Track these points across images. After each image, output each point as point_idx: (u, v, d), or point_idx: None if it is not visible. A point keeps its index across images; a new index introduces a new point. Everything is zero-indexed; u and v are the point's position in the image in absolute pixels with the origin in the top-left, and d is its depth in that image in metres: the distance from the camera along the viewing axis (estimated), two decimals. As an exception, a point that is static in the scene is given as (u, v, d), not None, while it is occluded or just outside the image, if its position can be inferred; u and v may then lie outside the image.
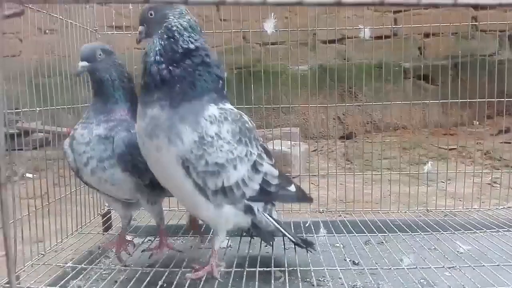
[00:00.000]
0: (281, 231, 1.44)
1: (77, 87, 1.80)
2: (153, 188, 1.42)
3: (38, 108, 1.53)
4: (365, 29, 1.84)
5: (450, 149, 2.98)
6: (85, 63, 1.37)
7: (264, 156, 1.35)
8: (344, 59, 3.74)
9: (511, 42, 4.24)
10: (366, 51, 2.21)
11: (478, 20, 3.39)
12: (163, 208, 1.57)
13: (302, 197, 1.52)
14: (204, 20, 2.22)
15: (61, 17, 1.72)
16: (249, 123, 1.33)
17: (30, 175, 2.24)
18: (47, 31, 1.64)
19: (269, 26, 1.76)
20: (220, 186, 1.23)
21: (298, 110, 3.53)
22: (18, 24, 1.54)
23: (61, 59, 1.75)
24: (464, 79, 2.09)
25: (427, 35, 3.19)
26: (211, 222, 1.37)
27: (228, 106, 1.29)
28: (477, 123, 2.85)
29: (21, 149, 2.38)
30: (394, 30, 3.56)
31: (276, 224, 1.42)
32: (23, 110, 1.46)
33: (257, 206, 1.35)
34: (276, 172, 1.37)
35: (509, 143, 3.25)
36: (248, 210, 1.32)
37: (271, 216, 1.41)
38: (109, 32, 2.02)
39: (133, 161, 1.35)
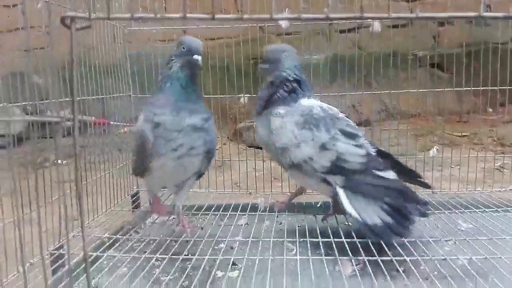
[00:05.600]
0: (348, 213, 1.48)
1: (102, 78, 1.90)
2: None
3: (65, 99, 1.62)
4: (375, 22, 1.91)
5: (462, 136, 3.04)
6: (200, 57, 1.45)
7: (341, 137, 1.55)
8: (359, 48, 3.80)
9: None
10: (381, 40, 2.25)
11: (492, 8, 3.41)
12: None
13: (405, 189, 1.51)
14: (222, 11, 2.34)
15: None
16: (320, 113, 1.60)
17: (64, 162, 2.39)
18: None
19: (284, 20, 1.87)
20: (290, 161, 1.59)
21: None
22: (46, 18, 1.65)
23: (90, 52, 1.86)
24: (477, 67, 2.14)
25: (441, 24, 3.24)
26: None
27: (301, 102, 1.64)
28: (490, 110, 2.90)
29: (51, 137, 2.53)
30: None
31: (345, 204, 1.48)
32: (58, 100, 1.55)
33: (335, 180, 1.53)
34: (361, 152, 1.54)
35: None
36: (324, 181, 1.56)
37: (347, 198, 1.49)
38: (135, 28, 2.14)
39: (214, 148, 1.59)
